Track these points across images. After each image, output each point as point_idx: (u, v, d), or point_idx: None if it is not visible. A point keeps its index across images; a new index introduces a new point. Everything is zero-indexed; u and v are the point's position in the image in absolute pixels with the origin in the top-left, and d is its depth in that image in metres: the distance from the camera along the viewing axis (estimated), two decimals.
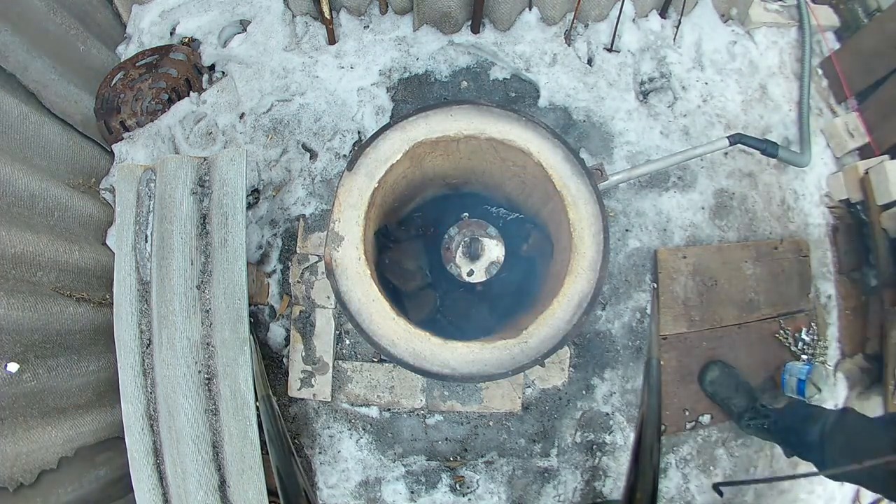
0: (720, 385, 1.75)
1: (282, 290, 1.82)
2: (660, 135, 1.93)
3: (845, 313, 1.96)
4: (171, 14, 2.06)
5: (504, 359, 1.26)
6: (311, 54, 1.97)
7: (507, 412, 1.75)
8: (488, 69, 1.97)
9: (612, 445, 1.78)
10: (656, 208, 1.88)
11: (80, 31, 1.87)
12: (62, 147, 1.75)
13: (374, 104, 1.92)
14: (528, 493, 1.76)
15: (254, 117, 1.93)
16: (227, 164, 1.48)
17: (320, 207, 1.85)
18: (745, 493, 1.84)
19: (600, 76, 1.95)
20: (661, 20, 2.03)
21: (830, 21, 2.13)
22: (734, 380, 1.75)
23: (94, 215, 1.76)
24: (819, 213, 1.98)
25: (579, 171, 1.36)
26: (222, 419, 1.42)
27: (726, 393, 1.74)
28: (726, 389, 1.74)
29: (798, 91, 2.06)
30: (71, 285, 1.59)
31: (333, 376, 1.75)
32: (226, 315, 1.42)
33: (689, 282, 1.82)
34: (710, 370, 1.77)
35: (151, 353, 1.45)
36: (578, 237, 1.33)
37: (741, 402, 1.71)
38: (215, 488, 1.42)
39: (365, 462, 1.75)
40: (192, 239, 1.47)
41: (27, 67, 1.68)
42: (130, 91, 1.95)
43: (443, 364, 1.25)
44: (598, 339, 1.81)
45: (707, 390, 1.78)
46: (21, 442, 1.37)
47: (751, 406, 1.69)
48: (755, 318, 1.86)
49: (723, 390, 1.74)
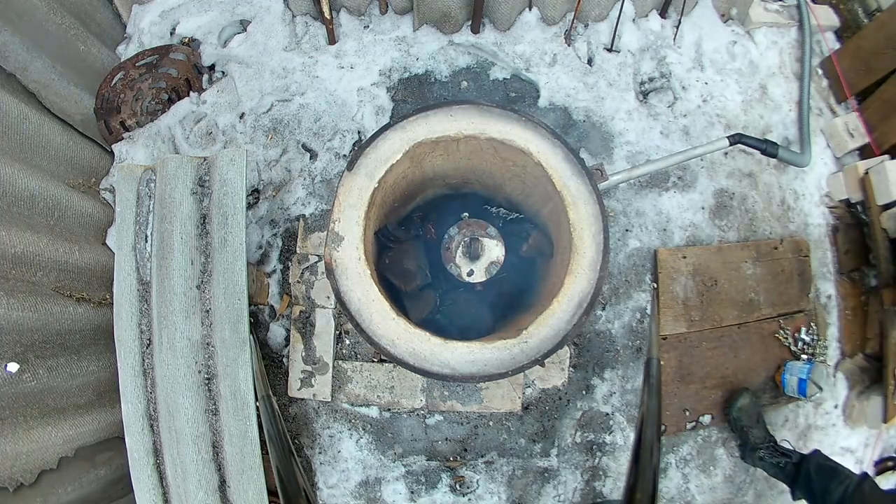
0: (746, 413, 1.75)
1: (282, 290, 1.82)
2: (660, 135, 1.93)
3: (845, 313, 1.96)
4: (171, 14, 2.06)
5: (504, 359, 1.26)
6: (311, 54, 1.97)
7: (507, 412, 1.75)
8: (488, 69, 1.97)
9: (612, 445, 1.78)
10: (656, 208, 1.88)
11: (80, 31, 1.87)
12: (62, 147, 1.75)
13: (374, 104, 1.92)
14: (528, 493, 1.76)
15: (254, 117, 1.92)
16: (227, 164, 1.48)
17: (320, 207, 1.84)
18: (745, 493, 1.84)
19: (600, 76, 1.95)
20: (661, 20, 2.03)
21: (830, 21, 2.13)
22: (758, 410, 1.76)
23: (94, 215, 1.76)
24: (819, 213, 1.98)
25: (579, 171, 1.36)
26: (222, 419, 1.42)
27: (749, 422, 1.74)
28: (749, 419, 1.74)
29: (798, 91, 2.06)
30: (71, 285, 1.59)
31: (333, 376, 1.75)
32: (226, 315, 1.42)
33: (689, 282, 1.82)
34: (742, 397, 1.77)
35: (151, 353, 1.45)
36: (578, 237, 1.33)
37: (759, 435, 1.72)
38: (215, 488, 1.42)
39: (365, 462, 1.75)
40: (192, 239, 1.47)
41: (27, 67, 1.68)
42: (130, 91, 1.95)
43: (443, 364, 1.25)
44: (598, 339, 1.81)
45: (733, 415, 1.78)
46: (21, 442, 1.37)
47: (769, 442, 1.70)
48: (755, 318, 1.85)
49: (747, 419, 1.75)
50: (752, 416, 1.74)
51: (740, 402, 1.77)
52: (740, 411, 1.76)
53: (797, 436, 1.88)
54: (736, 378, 1.82)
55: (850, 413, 1.91)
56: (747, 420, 1.75)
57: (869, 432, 1.95)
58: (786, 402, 1.85)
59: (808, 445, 1.88)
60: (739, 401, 1.77)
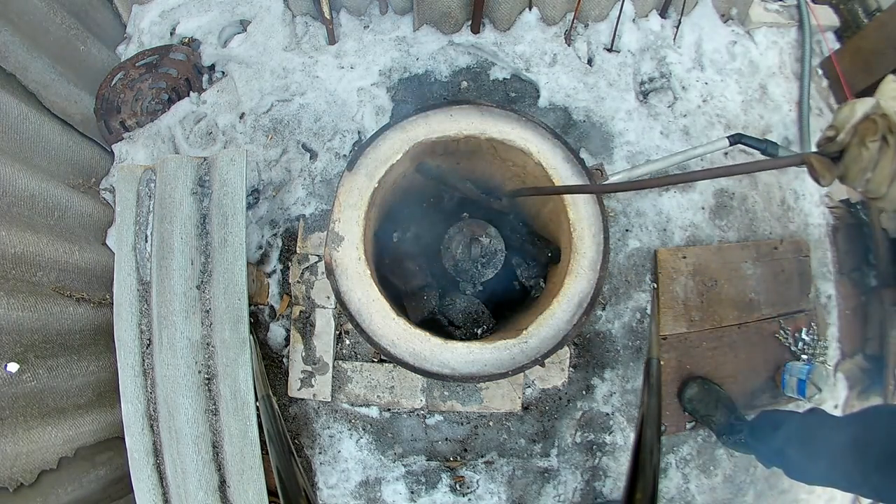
0: (699, 402, 1.73)
1: (282, 290, 1.82)
2: (660, 135, 1.93)
3: (845, 313, 1.96)
4: (171, 14, 2.06)
5: (504, 359, 1.26)
6: (311, 54, 1.97)
7: (507, 412, 1.75)
8: (488, 69, 1.97)
9: (612, 445, 1.78)
10: (656, 208, 1.88)
11: (80, 31, 1.87)
12: (62, 147, 1.75)
13: (374, 104, 1.92)
14: (528, 493, 1.76)
15: (254, 117, 1.93)
16: (227, 164, 1.48)
17: (320, 207, 1.84)
18: (746, 494, 1.84)
19: (600, 76, 1.95)
20: (661, 20, 2.03)
21: (830, 21, 2.13)
22: (714, 396, 1.73)
23: (94, 215, 1.76)
24: (819, 213, 1.98)
25: (579, 172, 1.36)
26: (222, 419, 1.42)
27: (706, 410, 1.72)
28: (706, 407, 1.72)
29: (798, 91, 2.06)
30: (71, 285, 1.59)
31: (333, 376, 1.75)
32: (226, 315, 1.42)
33: (689, 282, 1.82)
34: (689, 387, 1.75)
35: (151, 353, 1.45)
36: (578, 237, 1.33)
37: (722, 419, 1.69)
38: (215, 488, 1.42)
39: (365, 462, 1.75)
40: (192, 239, 1.47)
41: (27, 67, 1.68)
42: (130, 91, 1.95)
43: (443, 364, 1.25)
44: (598, 339, 1.81)
45: (686, 408, 1.76)
46: (21, 442, 1.37)
47: (734, 421, 1.67)
48: (755, 318, 1.85)
49: (703, 407, 1.72)
50: (709, 404, 1.72)
51: (688, 393, 1.75)
52: (692, 402, 1.74)
53: None
54: (736, 378, 1.82)
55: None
56: (704, 409, 1.72)
57: None
58: (786, 402, 1.85)
59: None
60: (687, 392, 1.75)
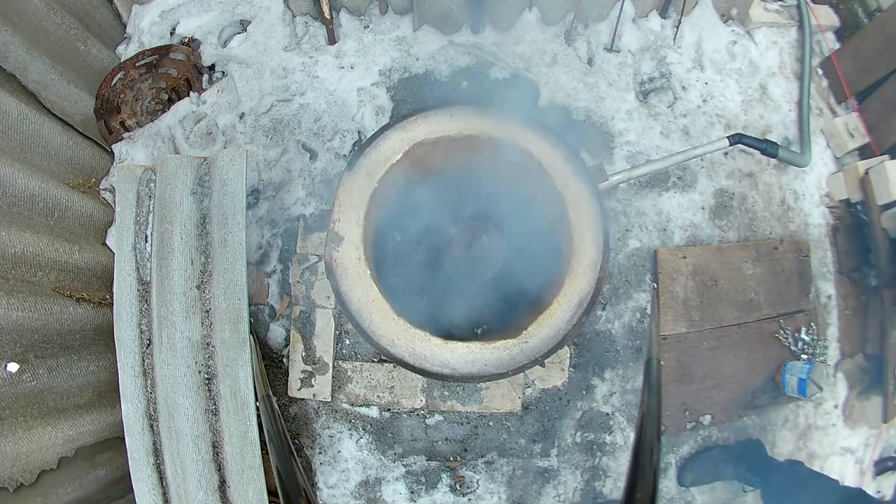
0: (702, 479, 1.76)
1: (282, 290, 1.82)
2: (660, 135, 1.93)
3: (845, 313, 1.96)
4: (171, 14, 2.06)
5: (504, 359, 1.26)
6: (311, 54, 1.97)
7: (507, 412, 1.75)
8: (488, 69, 1.97)
9: (612, 445, 1.78)
10: (656, 208, 1.88)
11: (80, 31, 1.87)
12: (62, 147, 1.75)
13: (374, 104, 1.92)
14: (528, 493, 1.76)
15: (254, 117, 1.92)
16: (227, 164, 1.48)
17: (320, 207, 1.84)
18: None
19: (600, 76, 1.95)
20: (661, 20, 2.03)
21: (830, 21, 2.13)
22: (710, 462, 1.76)
23: (94, 215, 1.76)
24: (819, 213, 1.98)
25: (579, 172, 1.36)
26: (222, 419, 1.42)
27: (712, 478, 1.76)
28: (710, 476, 1.76)
29: (798, 91, 2.06)
30: (71, 285, 1.59)
31: (333, 376, 1.75)
32: (226, 315, 1.42)
33: (689, 282, 1.82)
34: (685, 477, 1.77)
35: (151, 353, 1.45)
36: (578, 237, 1.33)
37: (731, 474, 1.74)
38: (215, 488, 1.42)
39: (365, 462, 1.75)
40: (192, 239, 1.47)
41: (27, 67, 1.68)
42: (130, 91, 1.95)
43: (443, 364, 1.25)
44: (598, 339, 1.81)
45: (691, 489, 1.79)
46: (21, 442, 1.37)
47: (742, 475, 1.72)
48: (755, 318, 1.85)
49: (710, 479, 1.76)
50: (710, 473, 1.76)
51: (687, 479, 1.75)
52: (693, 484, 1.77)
53: (797, 436, 1.88)
54: (736, 378, 1.82)
55: (850, 413, 1.91)
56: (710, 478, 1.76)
57: (869, 432, 1.95)
58: (786, 402, 1.85)
59: (808, 445, 1.89)
60: (686, 478, 1.76)
